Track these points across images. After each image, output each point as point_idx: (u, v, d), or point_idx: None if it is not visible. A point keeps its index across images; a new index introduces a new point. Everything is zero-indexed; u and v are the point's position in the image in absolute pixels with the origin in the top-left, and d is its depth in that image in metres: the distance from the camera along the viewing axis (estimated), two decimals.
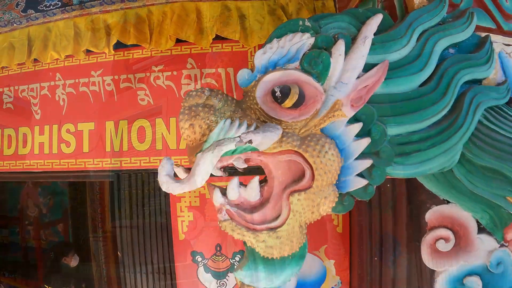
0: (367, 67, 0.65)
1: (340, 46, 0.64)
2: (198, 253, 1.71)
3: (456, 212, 0.77)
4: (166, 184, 0.58)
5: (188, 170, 0.65)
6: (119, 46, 1.75)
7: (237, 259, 1.71)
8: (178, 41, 1.70)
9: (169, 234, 1.72)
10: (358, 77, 0.64)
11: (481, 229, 0.77)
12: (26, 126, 1.89)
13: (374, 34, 0.68)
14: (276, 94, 0.64)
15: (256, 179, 0.65)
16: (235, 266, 0.75)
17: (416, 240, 0.82)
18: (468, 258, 0.77)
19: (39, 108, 1.87)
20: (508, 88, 0.77)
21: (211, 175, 0.62)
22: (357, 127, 0.63)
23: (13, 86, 1.97)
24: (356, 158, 0.64)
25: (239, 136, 0.56)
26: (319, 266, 1.75)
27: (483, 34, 0.79)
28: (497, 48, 0.80)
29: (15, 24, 1.91)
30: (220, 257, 1.71)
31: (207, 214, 1.71)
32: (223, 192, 0.66)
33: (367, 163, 0.64)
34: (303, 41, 0.66)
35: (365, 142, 0.63)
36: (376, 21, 0.68)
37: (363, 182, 0.65)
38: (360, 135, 0.64)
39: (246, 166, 0.66)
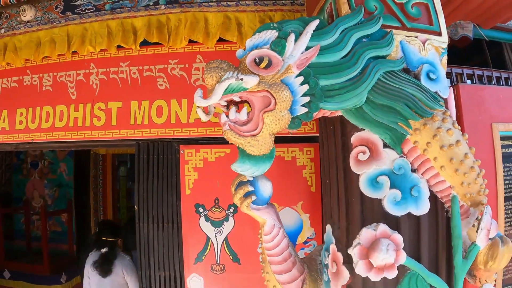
0: (308, 48, 1.22)
1: (292, 37, 1.20)
2: (200, 205, 2.20)
3: (369, 135, 1.26)
4: (198, 100, 1.13)
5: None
6: (143, 43, 2.27)
7: (231, 210, 2.24)
8: (190, 41, 2.26)
9: (177, 190, 2.22)
10: (302, 53, 1.21)
11: (385, 145, 1.24)
12: (62, 104, 2.40)
13: (314, 31, 1.25)
14: (256, 61, 1.19)
15: (245, 108, 1.21)
16: (232, 165, 1.24)
17: (348, 157, 1.31)
18: (378, 164, 1.23)
19: (75, 90, 2.40)
20: (402, 61, 1.28)
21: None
22: (300, 79, 1.18)
23: (52, 72, 2.46)
24: (301, 96, 1.19)
25: (237, 76, 1.12)
26: (297, 219, 2.24)
27: (389, 30, 1.31)
28: (400, 38, 1.32)
29: (54, 23, 2.40)
30: (218, 209, 2.23)
31: (207, 174, 2.23)
32: (226, 115, 1.21)
33: (306, 99, 1.18)
34: (272, 34, 1.22)
35: (305, 87, 1.18)
36: (314, 24, 1.24)
37: (305, 110, 1.18)
38: (302, 84, 1.19)
39: (239, 100, 1.21)
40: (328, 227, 1.48)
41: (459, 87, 2.12)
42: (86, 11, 2.37)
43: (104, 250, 2.70)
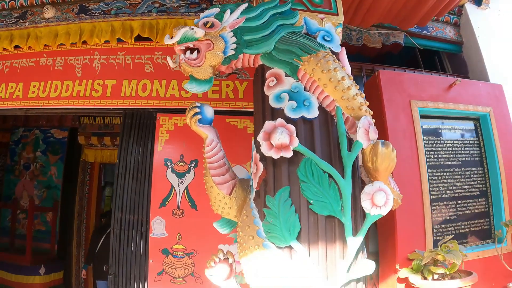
0: (238, 18, 2.02)
1: (228, 11, 1.99)
2: (168, 159, 2.86)
3: (276, 70, 1.88)
4: (166, 40, 1.88)
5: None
6: (137, 39, 3.13)
7: (193, 164, 2.87)
8: None
9: (152, 148, 2.90)
10: (233, 20, 2.01)
11: (286, 75, 1.87)
12: (69, 80, 3.15)
13: (244, 9, 2.06)
14: (205, 23, 1.99)
15: (196, 51, 1.96)
16: (184, 84, 1.87)
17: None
18: (282, 86, 1.77)
19: (81, 70, 3.18)
20: (302, 27, 2.02)
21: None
22: (231, 34, 1.94)
23: (64, 56, 3.25)
24: (231, 44, 1.95)
25: (190, 28, 1.90)
26: (246, 175, 2.87)
27: (296, 11, 2.11)
28: (305, 15, 2.06)
29: (70, 21, 3.23)
30: (182, 163, 2.87)
31: (176, 136, 2.92)
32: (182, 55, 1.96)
33: (234, 46, 1.94)
34: (216, 10, 2.03)
35: (234, 39, 1.93)
36: (244, 5, 2.06)
37: (233, 52, 1.95)
38: (232, 37, 1.96)
39: (193, 47, 1.97)
40: (253, 142, 2.12)
41: (379, 72, 2.87)
42: (96, 14, 3.25)
43: None
